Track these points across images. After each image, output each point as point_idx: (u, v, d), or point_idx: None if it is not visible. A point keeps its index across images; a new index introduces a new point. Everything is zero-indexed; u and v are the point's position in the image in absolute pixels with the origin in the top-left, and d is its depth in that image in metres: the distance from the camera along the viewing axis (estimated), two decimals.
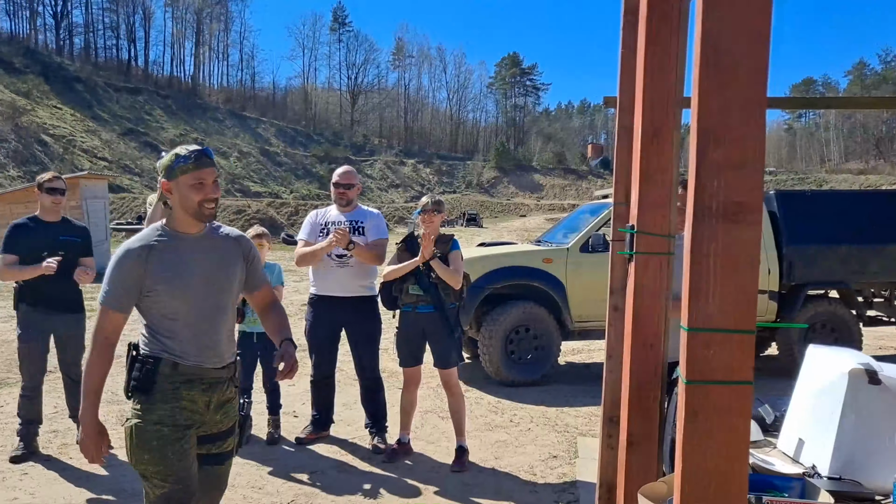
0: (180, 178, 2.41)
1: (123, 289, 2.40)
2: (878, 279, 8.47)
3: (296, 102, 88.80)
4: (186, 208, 2.44)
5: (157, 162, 2.55)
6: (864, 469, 2.07)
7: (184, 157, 2.42)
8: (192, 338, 2.47)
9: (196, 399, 2.48)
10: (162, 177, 2.45)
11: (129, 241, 2.46)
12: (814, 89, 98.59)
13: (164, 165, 2.46)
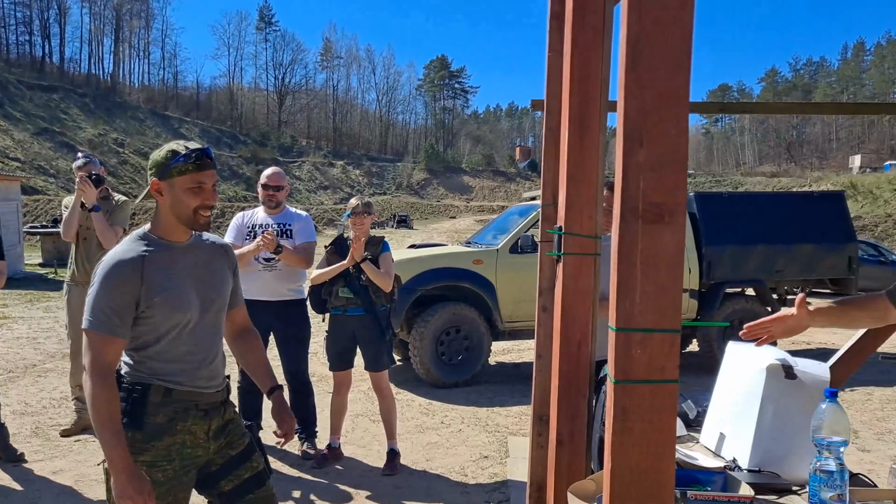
0: (176, 179, 2.12)
1: (120, 308, 2.04)
2: (790, 277, 8.87)
3: (221, 102, 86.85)
4: (179, 213, 2.14)
5: (151, 156, 2.21)
6: (781, 461, 2.15)
7: (183, 156, 2.12)
8: (187, 359, 2.18)
9: (195, 430, 2.17)
10: (153, 174, 2.16)
11: (115, 251, 2.13)
12: (730, 95, 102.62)
13: (157, 162, 2.15)
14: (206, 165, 2.16)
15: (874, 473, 4.53)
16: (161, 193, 2.15)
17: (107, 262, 2.09)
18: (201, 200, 2.15)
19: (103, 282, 2.06)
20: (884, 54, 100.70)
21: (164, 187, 2.14)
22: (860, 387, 7.30)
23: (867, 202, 39.24)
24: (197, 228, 2.20)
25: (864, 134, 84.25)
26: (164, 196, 2.15)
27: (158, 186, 2.15)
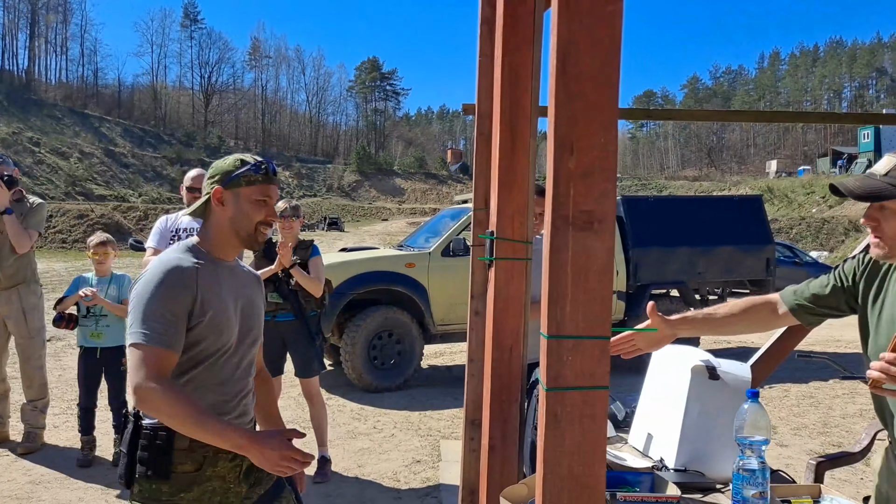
0: (243, 190, 1.96)
1: (177, 319, 1.80)
2: (712, 278, 9.19)
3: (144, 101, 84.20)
4: (239, 227, 1.97)
5: (214, 164, 2.05)
6: (706, 460, 2.21)
7: (254, 166, 1.98)
8: (221, 390, 1.94)
9: (225, 475, 1.91)
10: (216, 182, 1.97)
11: (167, 257, 1.90)
12: (654, 101, 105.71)
13: (223, 169, 1.99)
14: (273, 180, 2.02)
15: (791, 468, 4.72)
16: (223, 203, 1.96)
17: (159, 267, 1.85)
18: (265, 215, 1.99)
19: (158, 288, 1.81)
20: (797, 64, 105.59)
21: (228, 197, 1.96)
22: (778, 384, 7.60)
23: (783, 205, 41.02)
24: (254, 246, 2.04)
25: (779, 140, 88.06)
26: (225, 207, 1.97)
27: (222, 196, 1.96)
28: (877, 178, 1.70)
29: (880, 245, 1.72)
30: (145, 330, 1.77)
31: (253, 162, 2.00)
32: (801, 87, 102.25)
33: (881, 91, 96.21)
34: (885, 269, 1.86)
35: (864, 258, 1.92)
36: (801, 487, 2.10)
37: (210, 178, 2.00)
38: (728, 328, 2.15)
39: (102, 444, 4.79)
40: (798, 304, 2.01)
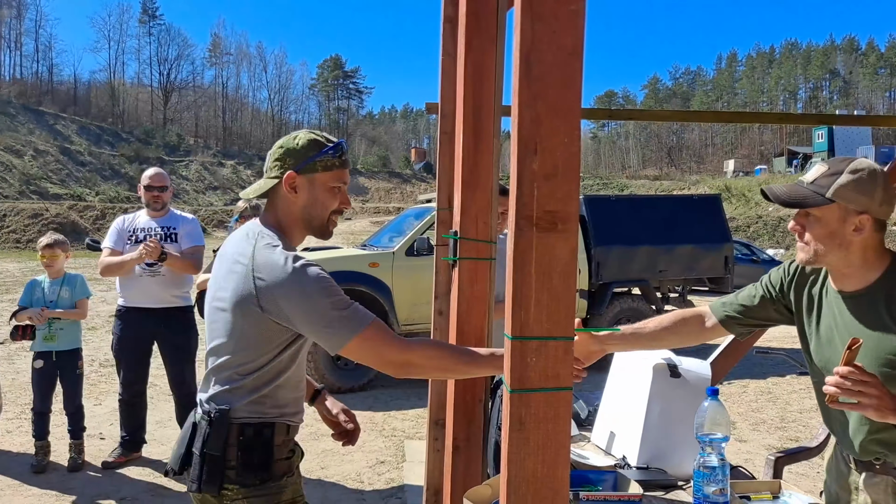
0: (318, 176, 1.80)
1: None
2: (672, 276, 9.32)
3: (101, 98, 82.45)
4: (312, 216, 1.83)
5: (283, 145, 1.85)
6: (668, 457, 2.23)
7: (332, 149, 1.81)
8: (300, 387, 1.90)
9: (298, 467, 1.93)
10: (289, 166, 1.79)
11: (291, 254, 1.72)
12: (615, 101, 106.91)
13: (295, 151, 1.81)
14: (348, 164, 1.88)
15: (751, 463, 4.80)
16: (295, 190, 1.80)
17: (297, 268, 1.68)
18: (339, 203, 1.86)
19: (325, 279, 1.68)
20: (754, 65, 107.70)
21: (301, 184, 1.80)
22: (736, 380, 7.74)
23: (740, 204, 41.80)
24: (325, 236, 1.90)
25: (736, 140, 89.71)
26: (298, 194, 1.81)
27: (295, 182, 1.79)
28: (804, 185, 1.73)
29: (805, 250, 1.75)
30: (346, 317, 1.67)
31: (328, 143, 1.83)
32: (758, 87, 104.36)
33: (834, 92, 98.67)
34: (813, 277, 1.89)
35: (790, 267, 1.94)
36: (761, 484, 2.13)
37: (279, 159, 1.83)
38: (657, 342, 2.14)
39: (57, 450, 4.68)
40: (727, 315, 2.02)
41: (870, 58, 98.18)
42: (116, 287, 4.68)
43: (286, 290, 1.66)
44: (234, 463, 1.74)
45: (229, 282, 1.76)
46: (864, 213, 1.68)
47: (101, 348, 8.67)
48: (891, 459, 1.77)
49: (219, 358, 1.79)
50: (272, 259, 1.69)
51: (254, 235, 1.78)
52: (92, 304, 9.83)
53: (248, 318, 1.71)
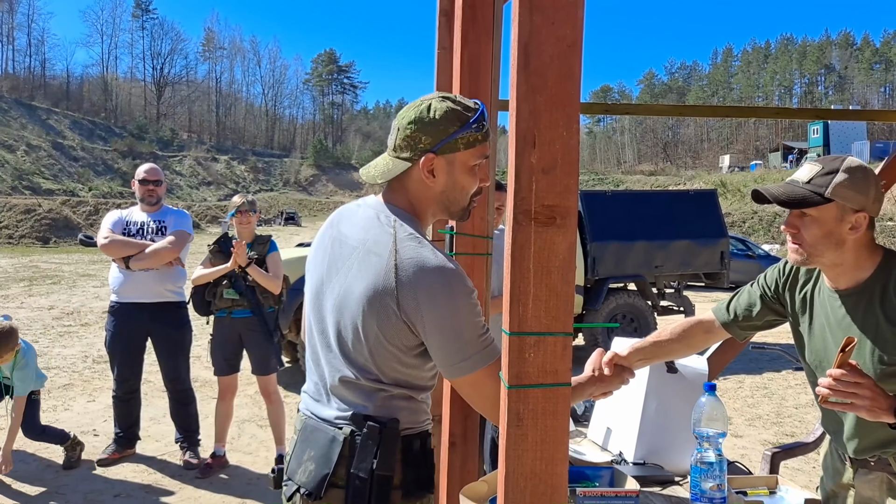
0: (459, 156, 1.50)
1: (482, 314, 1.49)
2: (668, 272, 9.32)
3: (94, 93, 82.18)
4: (451, 201, 1.56)
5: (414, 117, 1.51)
6: (665, 453, 2.22)
7: (475, 122, 1.50)
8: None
9: None
10: (425, 146, 1.49)
11: (441, 258, 1.46)
12: (611, 95, 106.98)
13: (434, 128, 1.49)
14: (490, 131, 1.57)
15: (747, 458, 4.81)
16: (433, 174, 1.52)
17: (450, 272, 1.44)
18: (479, 182, 1.57)
19: (468, 298, 1.44)
20: (749, 60, 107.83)
21: (440, 166, 1.51)
22: (733, 375, 7.75)
23: (735, 199, 41.86)
24: (465, 219, 1.64)
25: (732, 135, 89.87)
26: (437, 178, 1.52)
27: (433, 164, 1.50)
28: (799, 185, 1.73)
29: (799, 251, 1.75)
30: (484, 346, 1.43)
31: (467, 112, 1.51)
32: (753, 82, 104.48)
33: (829, 87, 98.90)
34: (807, 277, 1.89)
35: (785, 267, 1.94)
36: (758, 479, 2.12)
37: (410, 136, 1.51)
38: (673, 353, 2.14)
39: (51, 447, 4.65)
40: (730, 320, 2.04)
41: (865, 53, 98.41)
42: (109, 283, 4.65)
43: (433, 291, 1.42)
44: (400, 483, 1.51)
45: (361, 273, 1.49)
46: (861, 211, 1.68)
47: (94, 344, 8.64)
48: (886, 456, 1.77)
49: (354, 360, 1.52)
50: (421, 255, 1.44)
51: (389, 223, 1.51)
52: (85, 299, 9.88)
53: (382, 316, 1.45)
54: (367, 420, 1.49)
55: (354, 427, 1.50)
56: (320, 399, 1.60)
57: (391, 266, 1.44)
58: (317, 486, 1.50)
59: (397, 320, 1.44)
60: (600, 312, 8.45)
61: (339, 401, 1.55)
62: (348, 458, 1.49)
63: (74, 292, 14.01)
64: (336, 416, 1.54)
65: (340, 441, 1.50)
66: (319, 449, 1.53)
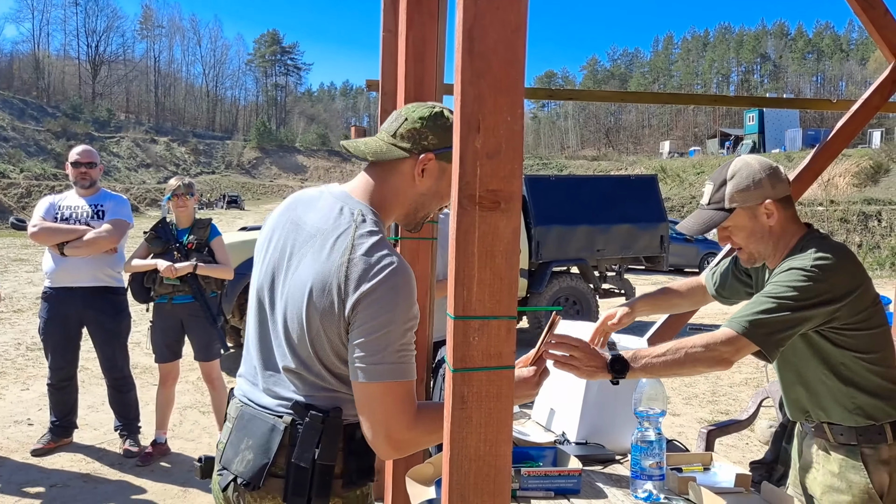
0: (450, 165, 1.41)
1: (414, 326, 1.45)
2: (610, 255, 9.50)
3: (24, 70, 78.88)
4: (421, 207, 1.57)
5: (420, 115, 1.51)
6: (606, 433, 2.28)
7: None
8: None
9: None
10: (429, 145, 1.49)
11: (396, 257, 1.43)
12: (555, 81, 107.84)
13: (444, 133, 1.49)
14: None
15: (684, 436, 4.96)
16: (423, 175, 1.50)
17: (407, 276, 1.42)
18: (448, 199, 1.55)
19: (408, 302, 1.41)
20: (689, 48, 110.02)
21: (433, 170, 1.50)
22: None
23: (675, 185, 42.81)
24: (416, 230, 1.64)
25: (672, 122, 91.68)
26: (425, 179, 1.51)
27: (428, 165, 1.49)
28: (705, 207, 1.91)
29: (742, 255, 1.95)
30: (400, 361, 1.40)
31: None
32: (693, 70, 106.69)
33: (765, 76, 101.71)
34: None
35: None
36: (693, 456, 2.19)
37: (417, 131, 1.50)
38: (677, 307, 2.37)
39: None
40: (714, 287, 2.24)
41: (798, 43, 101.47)
42: (43, 268, 4.49)
43: (376, 292, 1.39)
44: (342, 472, 1.49)
45: (314, 263, 1.46)
46: (765, 200, 1.83)
47: (28, 331, 8.35)
48: (823, 420, 1.90)
49: (297, 350, 1.49)
50: (376, 255, 1.41)
51: (352, 216, 1.48)
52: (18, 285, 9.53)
53: (327, 310, 1.42)
54: (309, 409, 1.46)
55: (296, 416, 1.47)
56: (257, 384, 1.57)
57: (344, 261, 1.41)
58: (255, 475, 1.47)
59: (339, 316, 1.41)
60: (544, 295, 8.56)
61: (281, 388, 1.51)
62: (289, 447, 1.46)
63: (6, 277, 13.50)
64: (276, 404, 1.51)
65: (281, 430, 1.47)
66: (258, 438, 1.49)
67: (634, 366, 1.73)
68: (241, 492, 1.49)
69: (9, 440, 4.70)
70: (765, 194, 1.83)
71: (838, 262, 1.77)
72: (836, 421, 1.87)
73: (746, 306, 1.79)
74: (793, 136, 52.08)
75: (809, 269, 1.75)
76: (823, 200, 32.09)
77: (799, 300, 1.72)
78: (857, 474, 1.84)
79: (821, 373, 1.85)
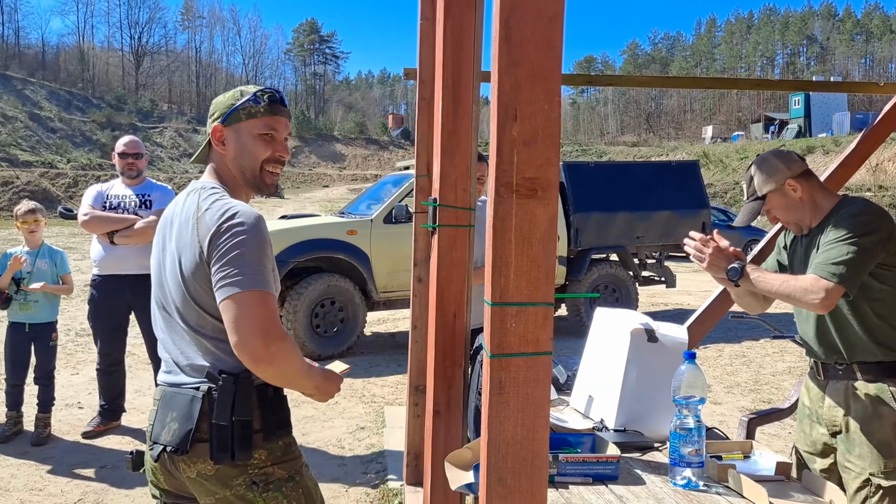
0: (244, 125, 1.76)
1: (271, 265, 1.67)
2: (650, 243, 9.39)
3: (70, 62, 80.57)
4: (244, 167, 1.78)
5: (214, 101, 1.85)
6: (645, 420, 2.27)
7: (253, 96, 1.77)
8: None
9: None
10: (214, 119, 1.79)
11: (243, 205, 1.68)
12: (594, 66, 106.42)
13: (221, 104, 1.80)
14: (280, 111, 1.80)
15: (725, 425, 4.91)
16: (224, 143, 1.78)
17: (249, 215, 1.64)
18: (273, 151, 1.79)
19: (258, 233, 1.62)
20: (733, 30, 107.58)
21: (228, 135, 1.77)
22: (712, 344, 7.87)
23: (718, 170, 42.04)
24: (263, 190, 1.82)
25: (715, 106, 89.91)
26: (227, 146, 1.78)
27: (222, 134, 1.78)
28: (747, 201, 2.31)
29: (791, 225, 2.30)
30: (256, 276, 1.59)
31: (254, 92, 1.79)
32: (736, 53, 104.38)
33: (811, 58, 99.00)
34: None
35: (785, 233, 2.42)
36: (733, 444, 2.18)
37: (210, 116, 1.82)
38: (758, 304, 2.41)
39: (33, 420, 4.66)
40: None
41: (846, 24, 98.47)
42: (91, 256, 4.62)
43: (225, 229, 1.61)
44: (260, 426, 1.68)
45: (178, 239, 1.71)
46: (787, 180, 2.21)
47: (77, 318, 8.60)
48: (851, 361, 2.13)
49: (192, 323, 1.69)
50: (219, 205, 1.66)
51: (198, 190, 1.75)
52: None
53: (195, 267, 1.65)
54: (222, 374, 1.63)
55: (210, 383, 1.65)
56: (172, 370, 1.75)
57: (194, 222, 1.65)
58: (181, 440, 1.63)
59: (202, 263, 1.63)
60: (583, 283, 8.51)
61: (193, 362, 1.70)
62: (209, 412, 1.63)
63: None
64: (192, 380, 1.69)
65: (200, 398, 1.64)
66: (181, 409, 1.66)
67: (751, 274, 2.14)
68: (174, 459, 1.66)
69: (60, 423, 4.86)
70: (784, 175, 2.21)
71: (880, 209, 2.16)
72: (867, 359, 2.10)
73: (824, 256, 2.06)
74: (840, 120, 50.67)
75: (864, 214, 2.09)
76: (872, 185, 31.23)
77: (865, 240, 2.03)
78: (886, 407, 2.05)
79: (861, 310, 2.09)
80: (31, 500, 3.74)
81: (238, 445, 1.61)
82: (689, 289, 12.21)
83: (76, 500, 3.75)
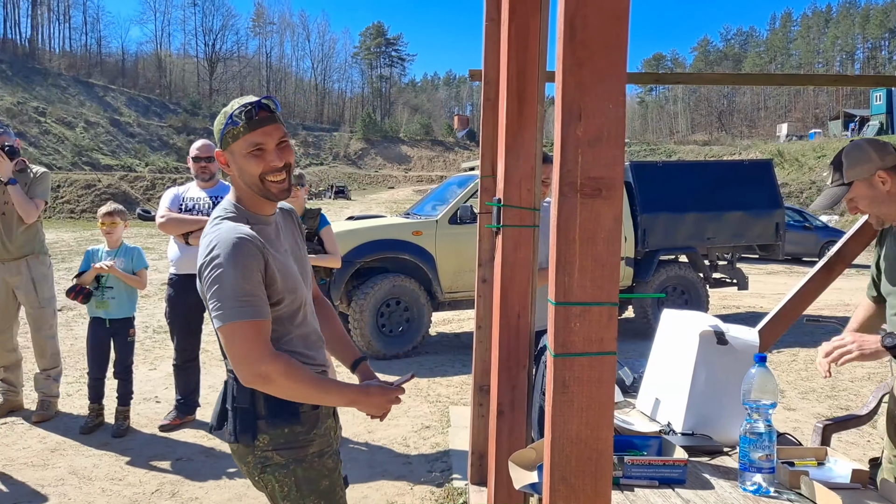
0: (234, 147, 1.81)
1: (255, 288, 1.74)
2: (721, 244, 9.15)
3: (148, 69, 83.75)
4: (249, 184, 1.84)
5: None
6: (713, 424, 2.22)
7: (230, 120, 1.80)
8: (312, 339, 1.98)
9: (328, 410, 1.99)
10: (218, 145, 1.88)
11: (225, 225, 1.79)
12: (663, 64, 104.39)
13: (215, 129, 1.87)
14: (261, 122, 1.81)
15: (799, 431, 4.75)
16: (228, 166, 1.87)
17: (226, 243, 1.72)
18: (263, 165, 1.81)
19: (234, 261, 1.71)
20: (809, 25, 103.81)
21: (228, 158, 1.85)
22: (786, 348, 7.62)
23: (793, 169, 40.64)
24: (275, 197, 1.87)
25: (790, 103, 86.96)
26: (231, 168, 1.86)
27: (223, 159, 1.87)
28: (830, 186, 2.28)
29: (871, 220, 2.32)
30: (239, 305, 1.70)
31: (234, 110, 1.80)
32: (813, 48, 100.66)
33: (893, 52, 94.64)
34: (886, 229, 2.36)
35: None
36: (806, 450, 2.11)
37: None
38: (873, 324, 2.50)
39: (113, 412, 4.86)
40: (879, 293, 2.43)
41: None
42: (168, 256, 4.80)
43: (210, 260, 1.74)
44: (264, 413, 1.83)
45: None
46: (878, 171, 2.17)
47: (154, 315, 8.94)
48: None
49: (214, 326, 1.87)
50: (212, 234, 1.79)
51: (212, 218, 1.88)
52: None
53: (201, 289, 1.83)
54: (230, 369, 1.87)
55: (228, 370, 1.90)
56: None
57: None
58: (214, 418, 1.96)
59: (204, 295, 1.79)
60: (650, 284, 8.36)
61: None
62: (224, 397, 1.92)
63: None
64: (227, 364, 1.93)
65: (223, 384, 1.94)
66: (220, 395, 1.96)
67: None
68: (218, 435, 2.01)
69: (139, 416, 5.06)
70: (876, 166, 2.17)
71: None
72: None
73: None
74: None
75: None
76: None
77: None
78: None
79: None
80: (111, 489, 3.91)
81: (240, 428, 1.84)
82: (762, 291, 11.85)
83: (153, 491, 3.91)
